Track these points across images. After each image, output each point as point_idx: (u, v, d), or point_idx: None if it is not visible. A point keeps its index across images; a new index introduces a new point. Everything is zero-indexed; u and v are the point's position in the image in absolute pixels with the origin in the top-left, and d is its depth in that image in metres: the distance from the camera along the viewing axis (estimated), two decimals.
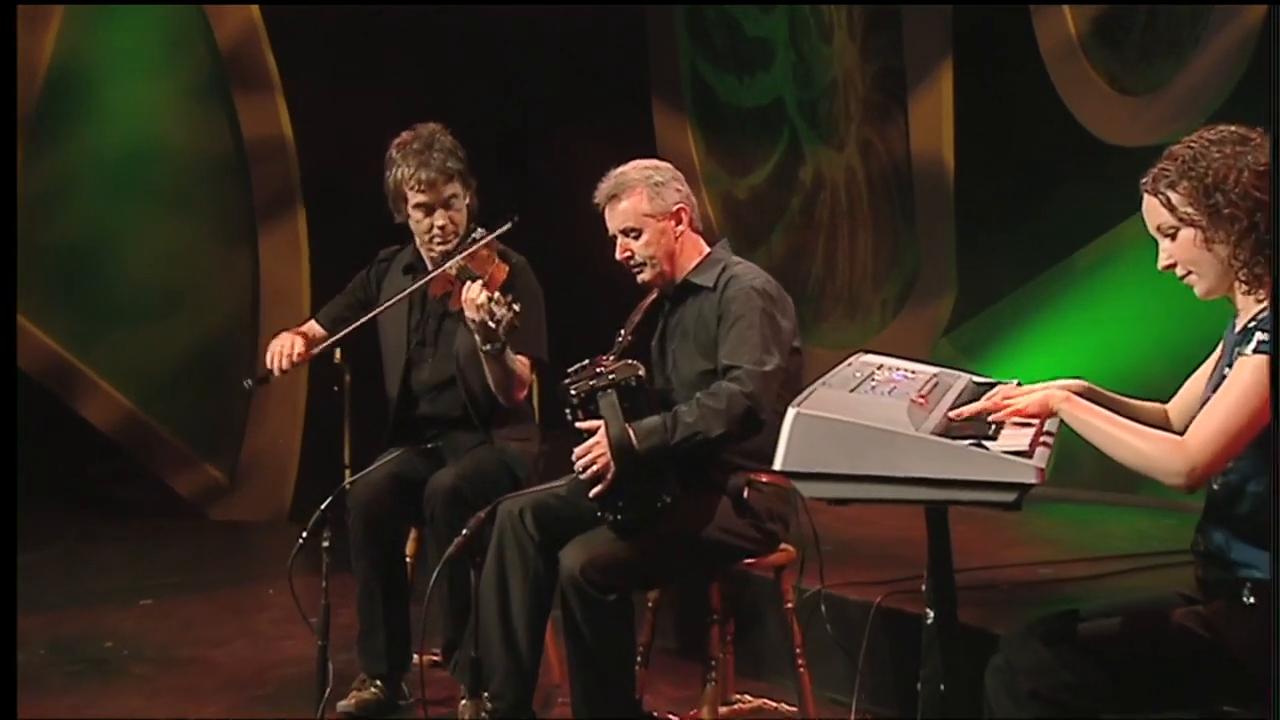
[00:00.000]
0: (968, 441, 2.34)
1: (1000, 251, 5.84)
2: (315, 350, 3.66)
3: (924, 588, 2.64)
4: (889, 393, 2.58)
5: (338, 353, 5.46)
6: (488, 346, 3.48)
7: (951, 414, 2.53)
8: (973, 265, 5.98)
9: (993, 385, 2.81)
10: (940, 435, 2.40)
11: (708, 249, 3.40)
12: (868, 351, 3.05)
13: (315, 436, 6.34)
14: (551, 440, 3.78)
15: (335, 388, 5.57)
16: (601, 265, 3.60)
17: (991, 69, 5.82)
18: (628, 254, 3.35)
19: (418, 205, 3.70)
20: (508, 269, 3.59)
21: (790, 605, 3.38)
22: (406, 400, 3.81)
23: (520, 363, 3.62)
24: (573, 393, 3.19)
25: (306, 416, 6.46)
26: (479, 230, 3.67)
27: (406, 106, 6.24)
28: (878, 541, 4.36)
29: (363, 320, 3.65)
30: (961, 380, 2.87)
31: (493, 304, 3.37)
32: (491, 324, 3.37)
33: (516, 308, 3.37)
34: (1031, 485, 2.26)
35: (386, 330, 3.83)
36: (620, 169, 3.39)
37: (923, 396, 2.58)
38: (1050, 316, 5.56)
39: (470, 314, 3.42)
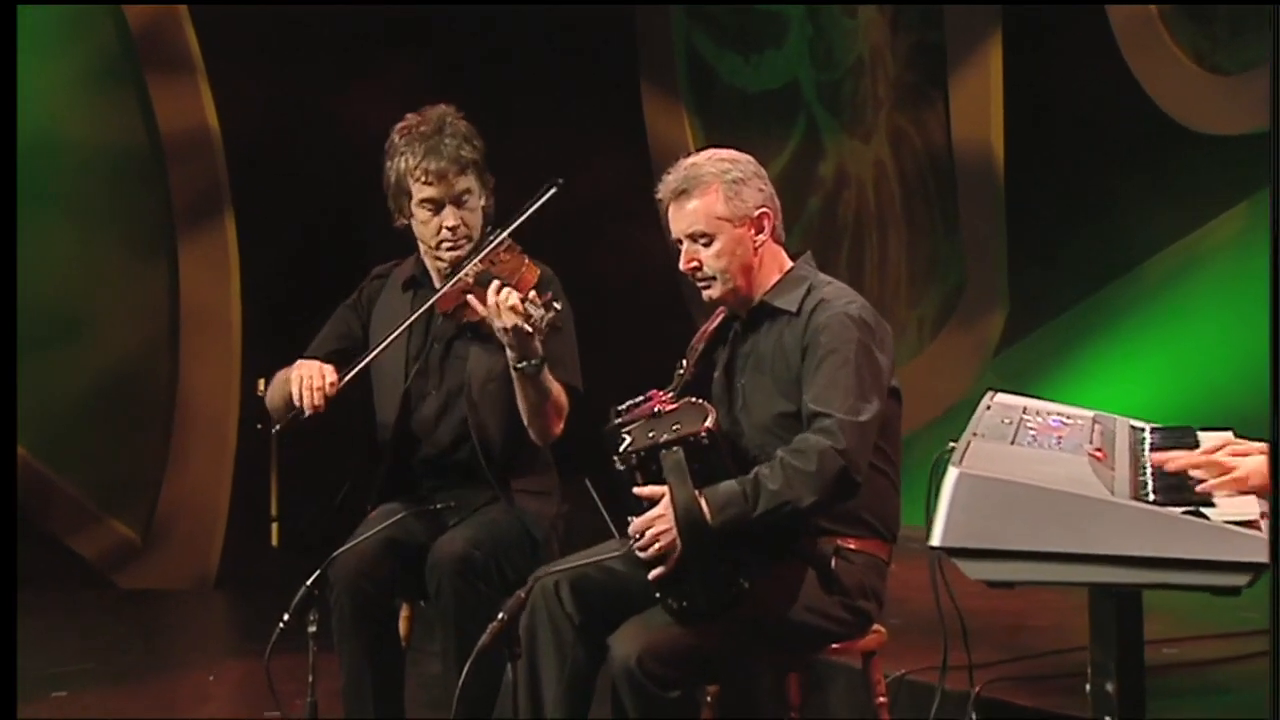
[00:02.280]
0: (1181, 510, 2.21)
1: (1059, 260, 5.85)
2: (346, 379, 3.52)
3: (1089, 687, 2.52)
4: (1056, 444, 2.44)
5: (261, 383, 5.27)
6: (524, 364, 3.41)
7: (1168, 464, 2.39)
8: (1026, 276, 5.97)
9: (1173, 432, 2.69)
10: (1140, 500, 2.25)
11: (790, 263, 3.30)
12: (994, 389, 2.96)
13: (249, 485, 6.26)
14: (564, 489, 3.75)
15: (259, 425, 5.49)
16: (588, 281, 3.64)
17: (1050, 43, 5.81)
18: (694, 264, 3.25)
19: (424, 201, 3.61)
20: (538, 272, 3.52)
21: (883, 700, 3.30)
22: (403, 444, 3.69)
23: (558, 389, 3.53)
24: (629, 449, 3.08)
25: (237, 460, 6.40)
26: (497, 234, 3.59)
27: (357, 91, 6.27)
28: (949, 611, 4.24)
29: (383, 345, 3.54)
30: (1122, 425, 2.73)
31: (528, 305, 3.31)
32: (527, 327, 3.31)
33: (558, 306, 3.31)
34: (1265, 566, 2.12)
35: (379, 358, 3.69)
36: (691, 159, 3.28)
37: (1098, 449, 2.43)
38: (1117, 337, 5.57)
39: (500, 321, 3.36)
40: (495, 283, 3.39)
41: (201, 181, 6.45)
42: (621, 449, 3.10)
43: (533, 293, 3.36)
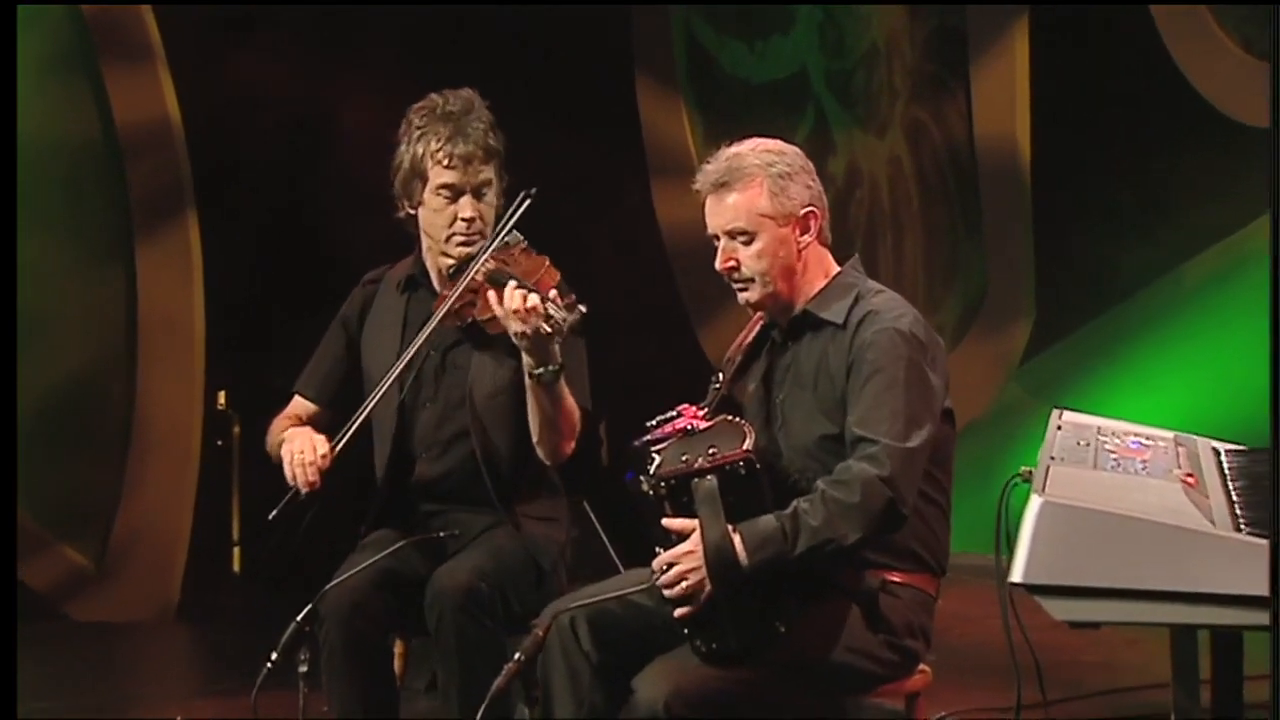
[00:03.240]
0: None
1: (1089, 264, 5.87)
2: (340, 444, 3.50)
3: None
4: (1142, 468, 2.39)
5: (222, 396, 4.99)
6: (541, 369, 3.38)
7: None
8: (1055, 281, 5.99)
9: (1253, 455, 2.66)
10: (1241, 531, 2.20)
11: (836, 268, 3.24)
12: (1063, 407, 2.94)
13: (213, 507, 6.28)
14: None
15: (219, 441, 5.17)
16: (578, 283, 3.54)
17: (1082, 29, 5.82)
18: (731, 264, 3.21)
19: (442, 187, 3.57)
20: (558, 275, 3.44)
21: None
22: (398, 464, 3.64)
23: (572, 404, 3.48)
24: (659, 475, 3.02)
25: (200, 480, 6.38)
26: (512, 234, 3.53)
27: (331, 81, 6.30)
28: (987, 646, 4.28)
29: (379, 392, 3.50)
30: (1204, 447, 2.71)
31: (549, 305, 3.29)
32: (546, 330, 3.29)
33: (583, 308, 3.29)
34: None
35: (371, 367, 3.67)
36: (734, 148, 3.21)
37: (1188, 474, 2.38)
38: (1154, 346, 5.59)
39: (518, 324, 3.34)
40: (513, 283, 3.36)
41: (161, 178, 6.44)
42: (650, 471, 3.04)
43: (554, 292, 3.33)
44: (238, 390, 6.07)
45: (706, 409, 3.19)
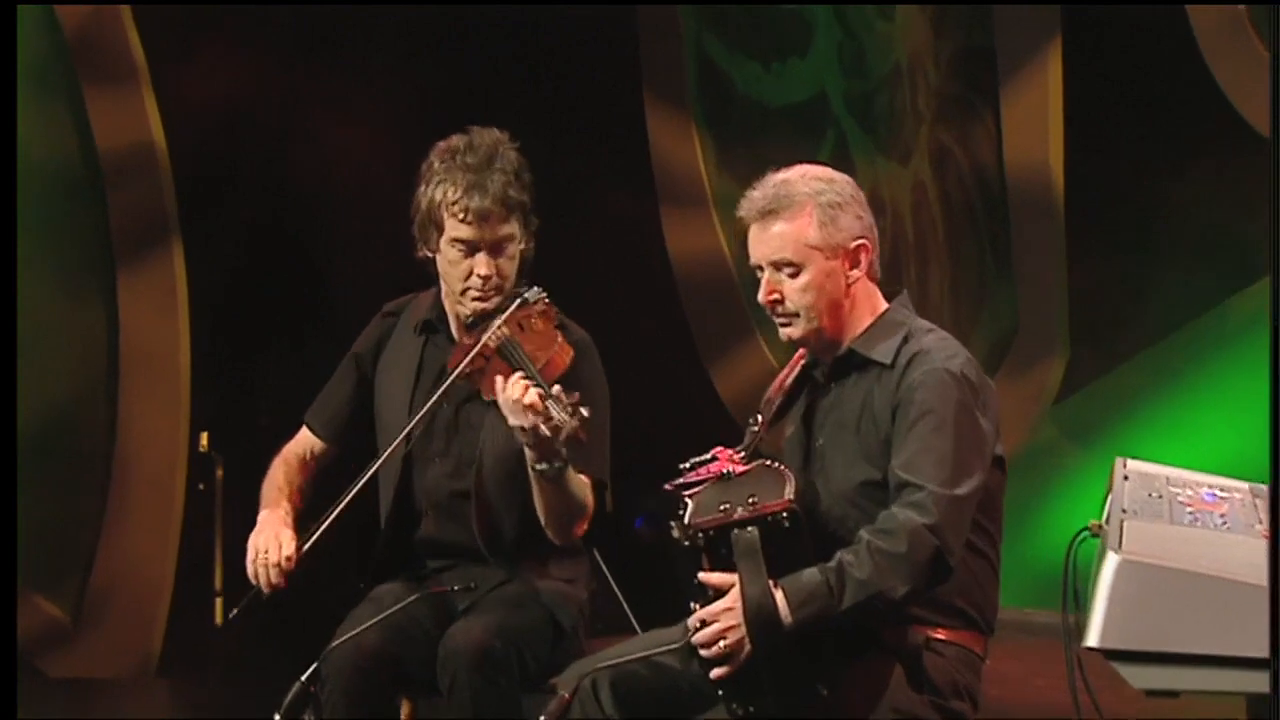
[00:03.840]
0: None
1: (1128, 296, 5.91)
2: (308, 545, 3.52)
3: None
4: (1221, 523, 2.36)
5: (204, 437, 5.00)
6: (542, 465, 3.39)
7: None
8: (1091, 315, 6.04)
9: None
10: None
11: (884, 305, 3.27)
12: (1125, 458, 2.95)
13: (198, 555, 6.05)
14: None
15: (201, 486, 5.24)
16: (583, 315, 3.61)
17: (1118, 48, 5.86)
18: (774, 296, 3.22)
19: (457, 241, 3.58)
20: (572, 353, 3.50)
21: None
22: (404, 517, 3.66)
23: (582, 483, 3.49)
24: (696, 525, 3.02)
25: (185, 526, 6.29)
26: (532, 290, 3.56)
27: (325, 103, 6.31)
28: (1030, 708, 4.41)
29: (373, 467, 3.52)
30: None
31: (550, 404, 3.26)
32: (545, 432, 3.27)
33: (586, 412, 3.25)
34: None
35: (383, 411, 3.69)
36: (781, 175, 3.25)
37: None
38: (1197, 385, 5.64)
39: (515, 418, 3.33)
40: (515, 375, 3.34)
41: (144, 204, 6.39)
42: (685, 519, 3.04)
43: (557, 388, 3.29)
44: (222, 430, 5.96)
45: (743, 452, 3.19)
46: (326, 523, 3.50)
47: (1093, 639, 2.15)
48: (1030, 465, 6.00)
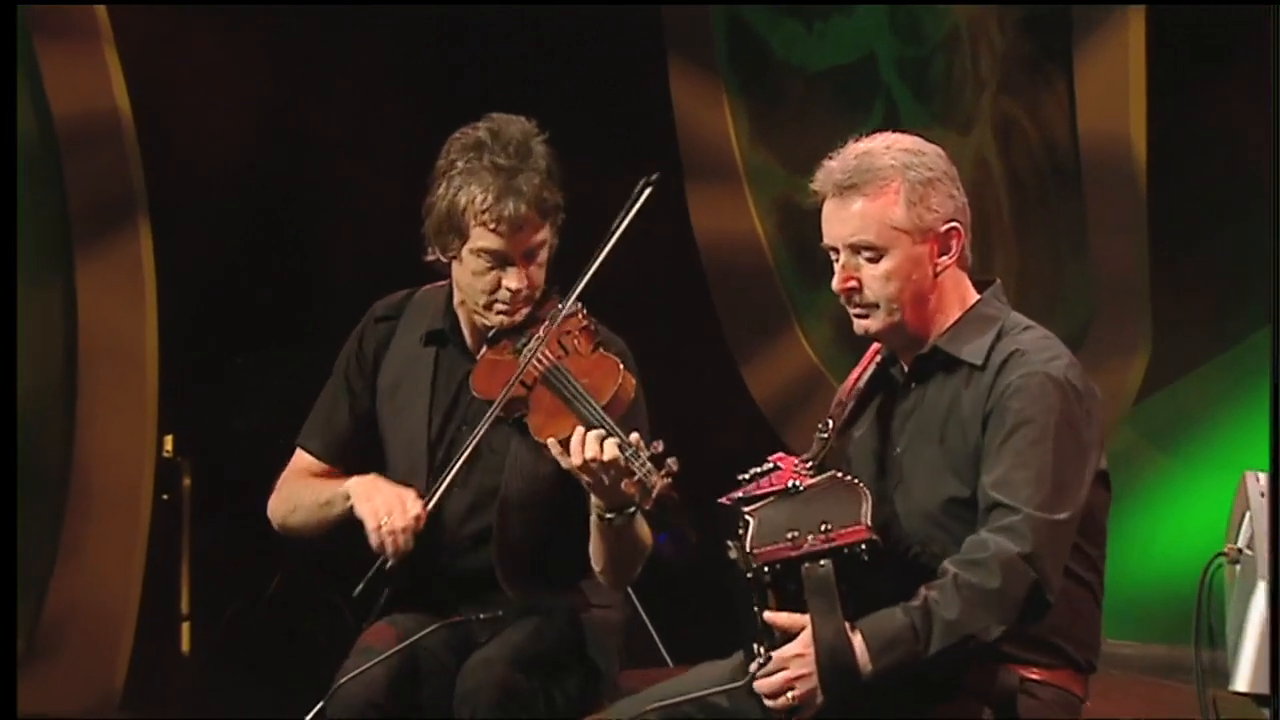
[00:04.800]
0: None
1: (1218, 285, 5.86)
2: (433, 501, 3.50)
3: None
4: None
5: (169, 441, 5.11)
6: (611, 515, 3.38)
7: None
8: (1175, 306, 5.97)
9: None
10: None
11: (975, 296, 3.24)
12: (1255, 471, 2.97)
13: (166, 576, 6.22)
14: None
15: (165, 495, 5.21)
16: (600, 303, 3.58)
17: (1207, 4, 5.76)
18: (852, 284, 3.19)
19: (484, 251, 3.53)
20: (635, 384, 3.47)
21: None
22: (419, 549, 3.59)
23: (644, 528, 3.50)
24: (759, 559, 2.99)
25: (151, 544, 6.28)
26: (568, 301, 3.52)
27: (310, 67, 6.30)
28: None
29: (447, 480, 3.51)
30: None
31: (632, 460, 3.22)
32: (628, 492, 3.26)
33: (675, 465, 3.20)
34: None
35: (393, 432, 3.69)
36: (864, 144, 3.21)
37: None
38: None
39: (588, 476, 3.30)
40: (590, 434, 3.28)
41: (107, 181, 6.36)
42: (746, 542, 3.01)
43: (635, 435, 3.24)
44: (192, 433, 6.06)
45: (811, 461, 3.17)
46: (447, 479, 3.48)
47: (1242, 682, 2.18)
48: (1110, 472, 5.98)
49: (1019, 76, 6.29)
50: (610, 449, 3.23)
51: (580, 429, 3.29)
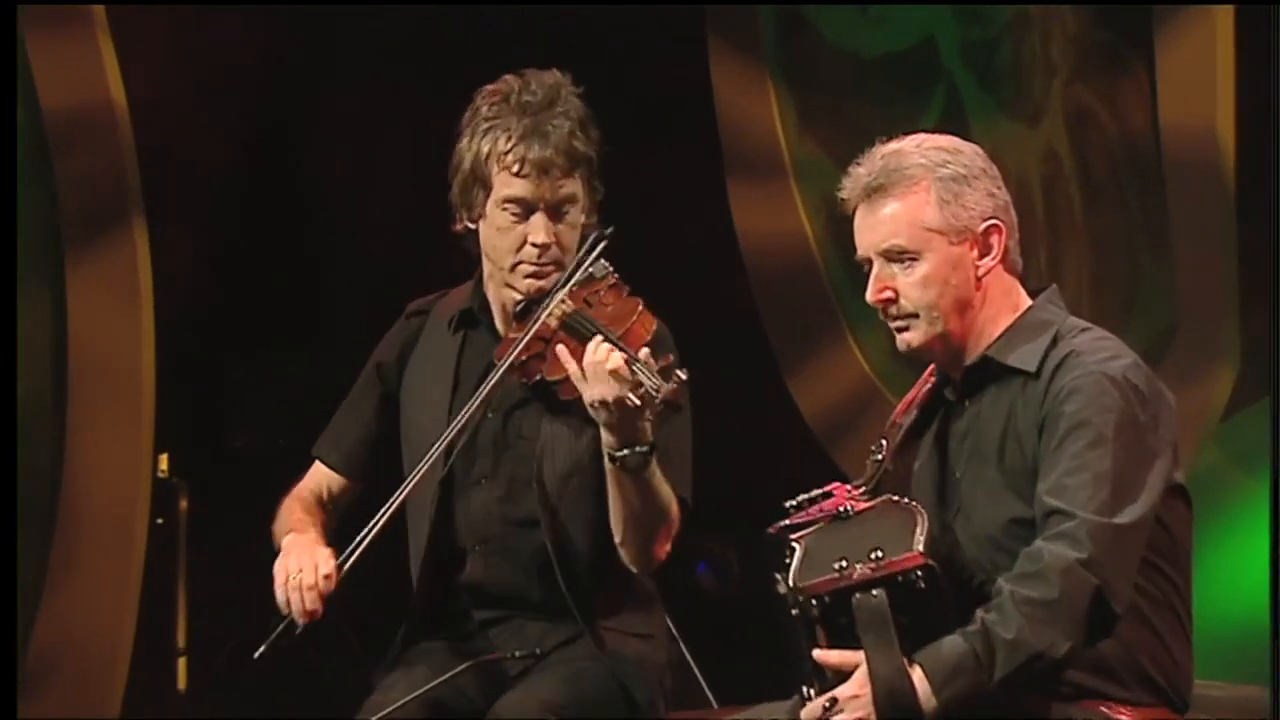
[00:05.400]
0: None
1: None
2: (349, 563, 3.50)
3: None
4: None
5: (164, 460, 5.28)
6: (625, 451, 3.38)
7: None
8: (1268, 315, 5.66)
9: None
10: None
11: (1027, 301, 3.25)
12: None
13: (162, 603, 6.18)
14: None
15: (160, 520, 5.51)
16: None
17: None
18: (887, 294, 3.20)
19: (509, 201, 3.56)
20: (655, 323, 3.48)
21: None
22: (441, 560, 3.67)
23: (666, 485, 3.49)
24: (807, 588, 3.00)
25: (148, 570, 6.30)
26: (598, 263, 3.54)
27: (317, 55, 6.30)
28: None
29: (412, 479, 3.51)
30: None
31: (638, 369, 3.28)
32: (634, 399, 3.28)
33: (683, 374, 3.28)
34: None
35: (413, 429, 3.70)
36: (893, 145, 3.24)
37: None
38: None
39: (595, 390, 3.34)
40: (597, 338, 3.36)
41: (100, 179, 6.40)
42: (791, 573, 3.03)
43: (644, 352, 3.30)
44: (190, 452, 6.05)
45: (864, 487, 3.19)
46: (372, 532, 3.50)
47: None
48: (1194, 494, 5.91)
49: (1094, 62, 6.19)
50: (615, 358, 3.26)
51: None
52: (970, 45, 6.54)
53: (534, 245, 3.54)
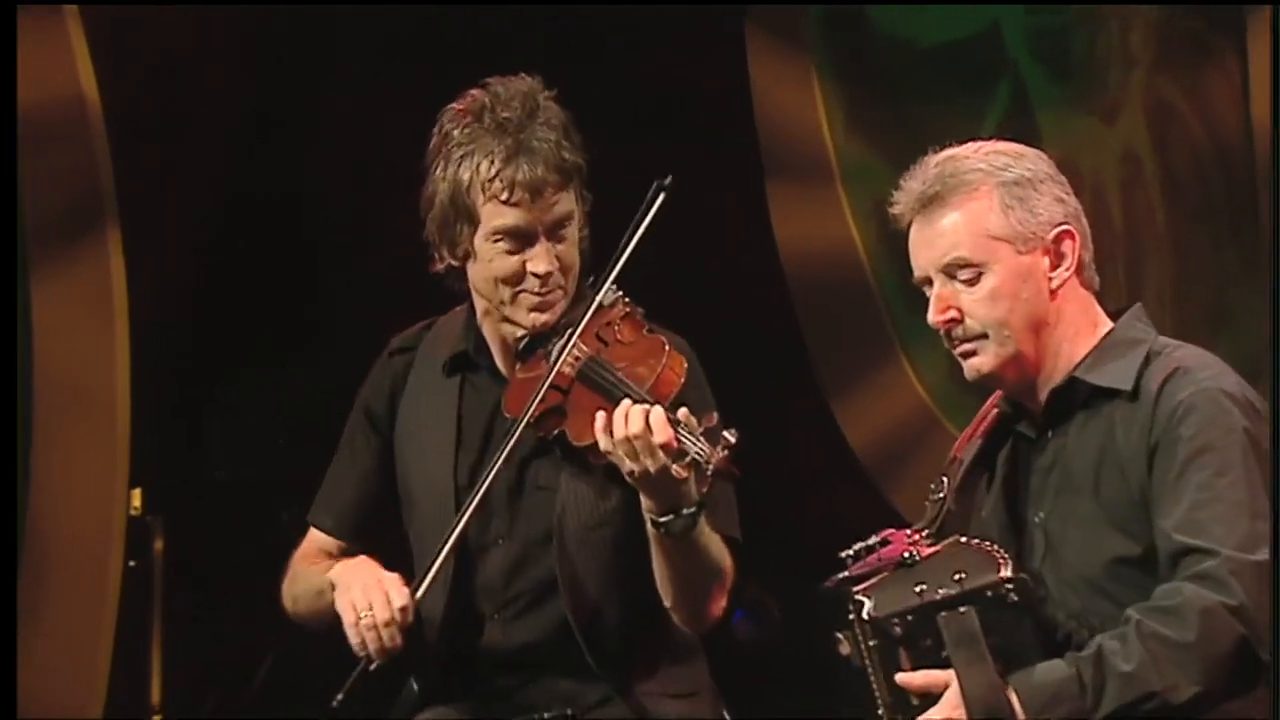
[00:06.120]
0: None
1: None
2: (421, 591, 3.49)
3: None
4: None
5: (136, 495, 5.35)
6: (668, 518, 3.36)
7: None
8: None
9: None
10: None
11: (1107, 322, 3.23)
12: None
13: (138, 654, 6.05)
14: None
15: (132, 562, 5.43)
16: (669, 313, 3.63)
17: None
18: (951, 315, 3.17)
19: (501, 233, 3.52)
20: (684, 361, 3.46)
21: None
22: (457, 625, 3.65)
23: (717, 539, 3.49)
24: (885, 613, 3.02)
25: (122, 618, 6.21)
26: (605, 289, 3.51)
27: (309, 50, 6.28)
28: None
29: (460, 523, 3.49)
30: None
31: (681, 436, 3.24)
32: (680, 474, 3.27)
33: (732, 436, 3.23)
34: None
35: (414, 482, 3.69)
36: (947, 151, 3.24)
37: None
38: None
39: (634, 462, 3.30)
40: (626, 401, 3.33)
41: (69, 180, 6.32)
42: (864, 613, 3.02)
43: (683, 410, 3.25)
44: (167, 486, 5.99)
45: (926, 530, 3.20)
46: (436, 563, 3.49)
47: None
48: None
49: (1179, 52, 6.22)
50: (657, 424, 3.22)
51: (606, 412, 3.33)
52: (1039, 32, 6.55)
53: (535, 275, 3.51)
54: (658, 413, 3.26)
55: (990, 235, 3.15)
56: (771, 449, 6.00)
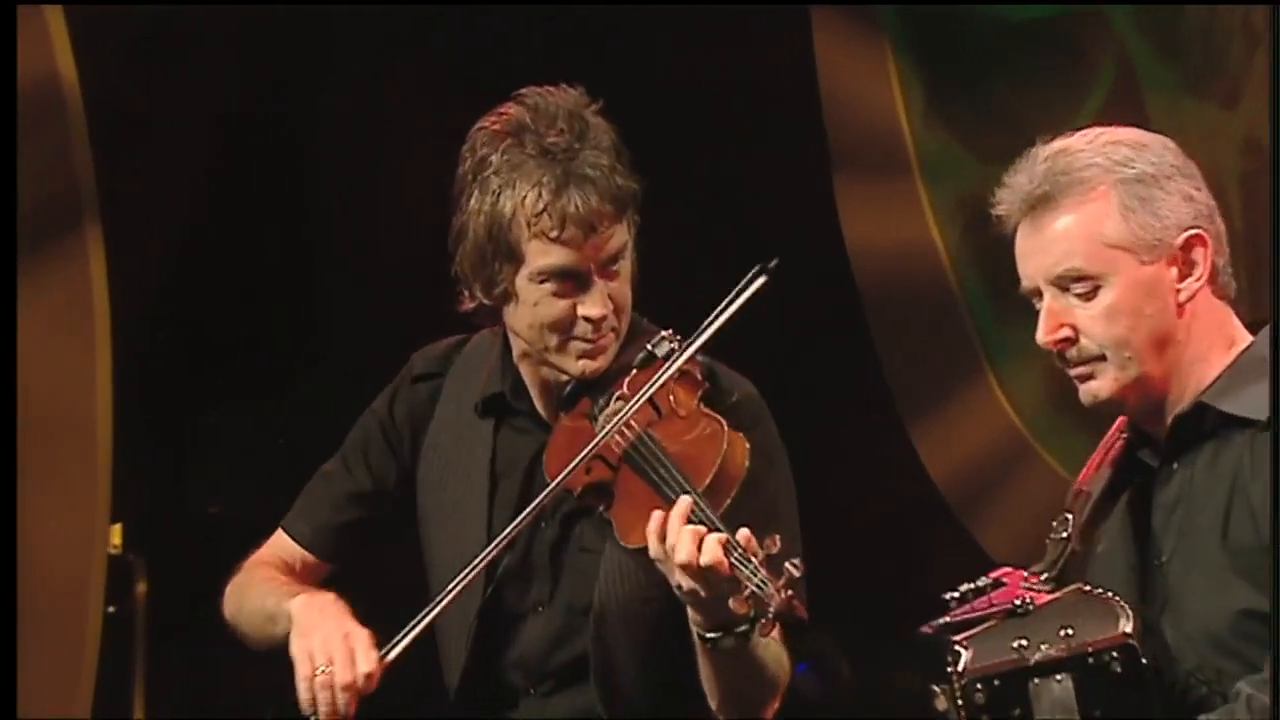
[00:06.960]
0: None
1: None
2: (392, 654, 3.41)
3: None
4: None
5: (116, 533, 5.49)
6: (717, 634, 3.34)
7: None
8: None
9: None
10: None
11: (1246, 336, 3.23)
12: None
13: (119, 699, 6.10)
14: None
15: (111, 607, 5.57)
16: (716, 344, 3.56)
17: None
18: (1064, 334, 3.16)
19: (549, 274, 3.46)
20: (747, 450, 3.35)
21: None
22: (487, 698, 3.64)
23: (773, 647, 3.43)
24: (972, 675, 3.03)
25: (103, 662, 6.20)
26: (660, 340, 3.48)
27: (309, 27, 6.37)
28: None
29: (476, 566, 3.46)
30: None
31: (738, 564, 3.17)
32: (736, 609, 3.22)
33: (797, 569, 3.14)
34: None
35: (440, 540, 3.66)
36: (1056, 144, 3.22)
37: None
38: None
39: (686, 584, 3.27)
40: (676, 520, 3.24)
41: (45, 174, 6.25)
42: (959, 665, 3.03)
43: (744, 533, 3.18)
44: (145, 521, 6.02)
45: (1045, 574, 3.20)
46: (421, 623, 3.44)
47: None
48: None
49: None
50: (710, 551, 3.16)
51: (659, 514, 3.27)
52: (1146, 11, 6.64)
53: (588, 320, 3.45)
54: (711, 542, 3.18)
55: (1108, 243, 3.14)
56: (839, 479, 5.98)
